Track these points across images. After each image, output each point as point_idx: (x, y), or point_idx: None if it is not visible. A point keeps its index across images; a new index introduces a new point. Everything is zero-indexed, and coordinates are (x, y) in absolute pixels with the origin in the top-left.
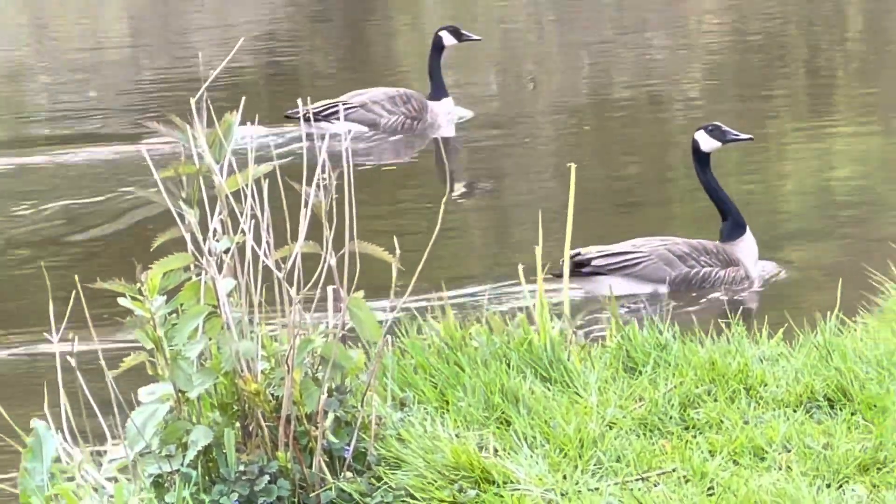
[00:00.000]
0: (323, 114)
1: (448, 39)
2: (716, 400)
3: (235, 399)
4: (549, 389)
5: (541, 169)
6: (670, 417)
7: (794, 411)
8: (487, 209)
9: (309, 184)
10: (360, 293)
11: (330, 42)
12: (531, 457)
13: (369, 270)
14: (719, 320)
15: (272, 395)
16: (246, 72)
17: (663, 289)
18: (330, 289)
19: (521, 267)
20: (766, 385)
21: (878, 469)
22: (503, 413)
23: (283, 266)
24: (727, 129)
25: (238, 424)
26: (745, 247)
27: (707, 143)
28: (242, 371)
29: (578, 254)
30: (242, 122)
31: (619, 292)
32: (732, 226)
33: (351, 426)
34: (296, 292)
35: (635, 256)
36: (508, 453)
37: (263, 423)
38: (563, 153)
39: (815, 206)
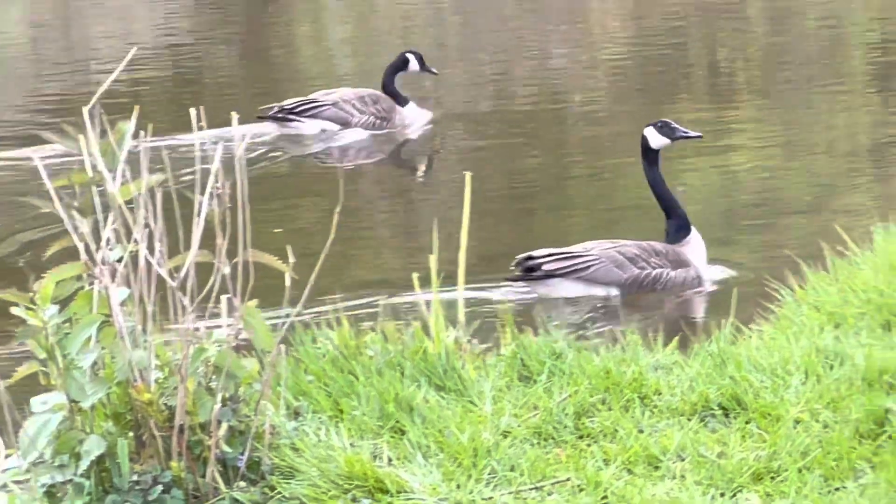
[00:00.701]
0: (295, 111)
1: (413, 65)
2: (610, 409)
3: (129, 409)
4: (443, 398)
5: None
6: (565, 426)
7: (689, 420)
8: (412, 213)
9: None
10: (254, 302)
11: (233, 47)
12: (425, 466)
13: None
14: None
15: (166, 404)
16: (146, 80)
17: (615, 291)
18: (224, 298)
19: (415, 276)
20: (660, 394)
21: (772, 478)
22: (397, 422)
23: (176, 275)
24: (676, 125)
25: (131, 434)
26: (694, 247)
27: (656, 139)
28: (136, 380)
29: (530, 257)
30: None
31: (570, 295)
32: (677, 226)
33: (245, 435)
34: (189, 302)
35: (586, 259)
36: (402, 462)
37: (157, 433)
38: (477, 158)
39: (715, 213)
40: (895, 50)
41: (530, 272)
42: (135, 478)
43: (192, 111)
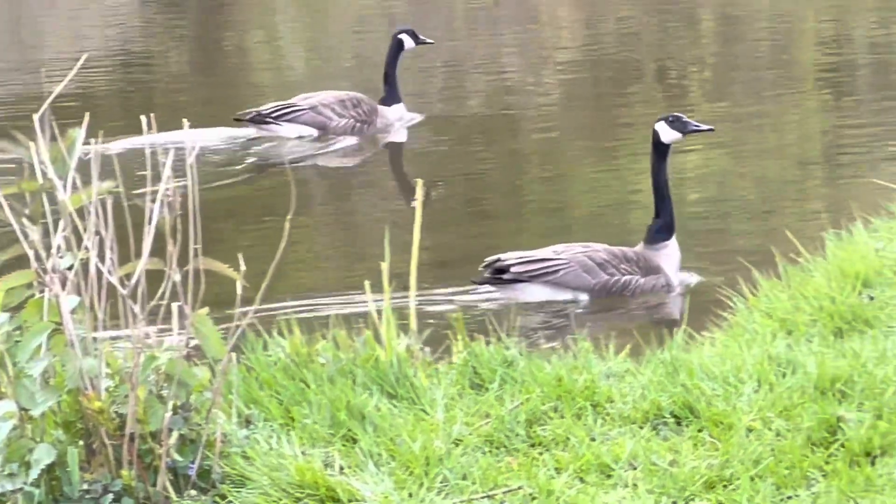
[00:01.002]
0: (273, 115)
1: (408, 43)
2: (562, 417)
3: (79, 417)
4: (395, 406)
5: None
6: (517, 434)
7: (641, 428)
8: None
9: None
10: (205, 310)
11: (183, 51)
12: (377, 474)
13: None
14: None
15: (116, 412)
16: (98, 86)
17: (583, 296)
18: (175, 305)
19: (367, 283)
20: (612, 401)
21: (724, 486)
22: (349, 430)
23: (127, 283)
24: (688, 119)
25: (82, 442)
26: (669, 253)
27: (667, 134)
28: (86, 389)
29: (498, 259)
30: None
31: (538, 299)
32: (660, 228)
33: (196, 444)
34: (140, 309)
35: (555, 263)
36: (354, 471)
37: (107, 441)
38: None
39: None
40: (847, 53)
41: (499, 274)
42: (85, 486)
43: (143, 118)
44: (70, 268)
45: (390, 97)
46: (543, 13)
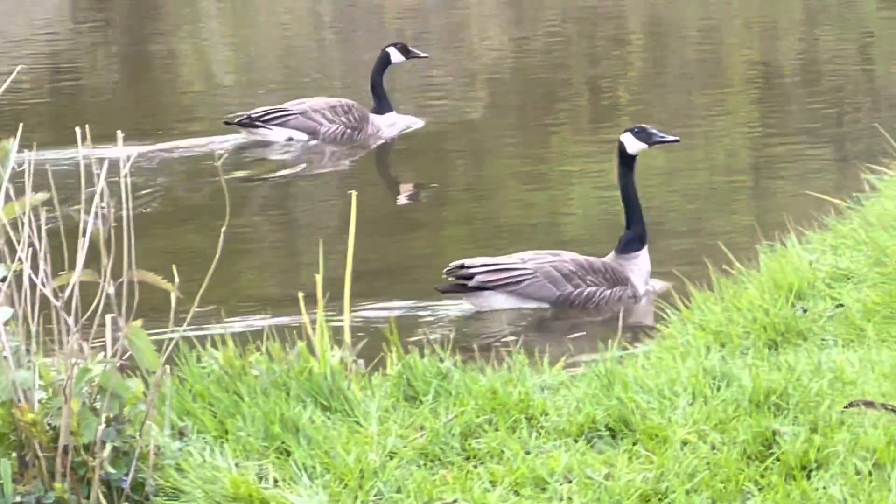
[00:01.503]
0: (263, 119)
1: (396, 56)
2: (497, 430)
3: (12, 429)
4: (329, 419)
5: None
6: (451, 447)
7: (576, 441)
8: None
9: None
10: (139, 322)
11: (112, 60)
12: (311, 487)
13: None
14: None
15: (50, 425)
16: (27, 98)
17: (546, 307)
18: (108, 317)
19: (301, 295)
20: (547, 414)
21: (660, 499)
22: (283, 443)
23: (61, 295)
24: (653, 130)
25: (15, 455)
26: (639, 264)
27: (633, 145)
28: (19, 401)
29: (463, 266)
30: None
31: (501, 308)
32: (631, 238)
33: (129, 456)
34: (73, 321)
35: (520, 273)
36: (288, 484)
37: (41, 454)
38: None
39: (599, 232)
40: (776, 65)
41: (463, 280)
42: (18, 499)
43: (77, 129)
44: (3, 279)
45: (381, 106)
46: (473, 24)
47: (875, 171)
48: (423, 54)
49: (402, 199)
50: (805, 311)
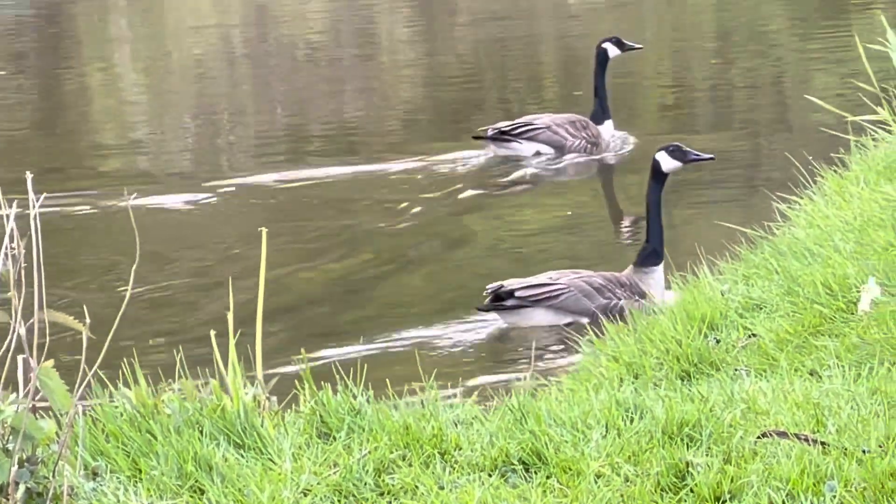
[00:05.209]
0: (514, 132)
1: (613, 51)
2: (410, 465)
3: None
4: (242, 456)
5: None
6: (365, 483)
7: (489, 476)
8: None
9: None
10: (50, 362)
11: (25, 92)
12: None
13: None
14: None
15: None
16: None
17: (584, 320)
18: (20, 358)
19: (212, 332)
20: (460, 449)
21: None
22: (197, 481)
23: None
24: (688, 149)
25: None
26: (656, 278)
27: (668, 163)
28: None
29: (501, 286)
30: None
31: (541, 324)
32: (651, 252)
33: (43, 497)
34: None
35: (557, 288)
36: None
37: None
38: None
39: (507, 262)
40: (686, 91)
41: (500, 301)
42: None
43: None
44: None
45: (600, 114)
46: (384, 57)
47: (786, 199)
48: (636, 45)
49: (314, 230)
50: (718, 341)
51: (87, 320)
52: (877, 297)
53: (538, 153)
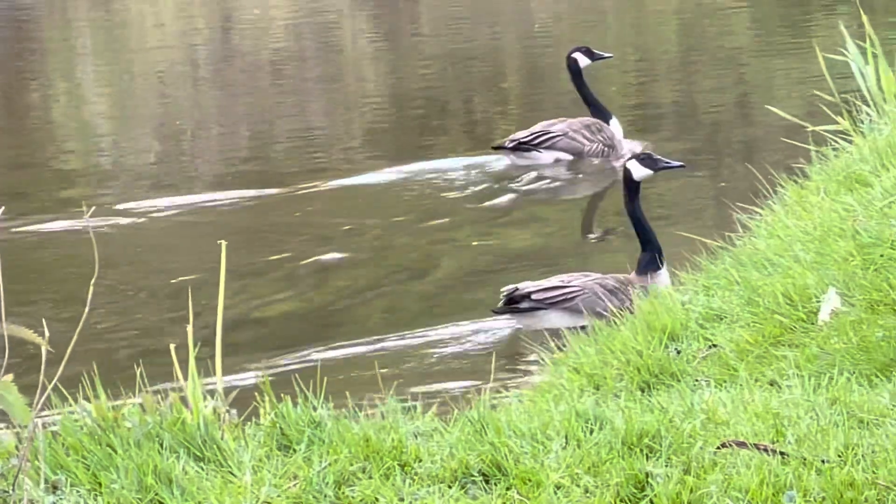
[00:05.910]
0: (533, 142)
1: (583, 61)
2: (371, 477)
3: None
4: (202, 469)
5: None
6: (325, 496)
7: (450, 487)
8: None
9: None
10: (10, 377)
11: None
12: None
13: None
14: None
15: None
16: None
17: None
18: None
19: (172, 346)
20: (421, 461)
21: None
22: (157, 495)
23: None
24: (658, 157)
25: None
26: (661, 282)
27: (639, 171)
28: None
29: (516, 289)
30: None
31: (556, 326)
32: (650, 259)
33: None
34: None
35: (571, 290)
36: None
37: None
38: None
39: (472, 272)
40: (649, 102)
41: (516, 303)
42: None
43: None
44: None
45: (601, 114)
46: (349, 69)
47: (747, 210)
48: (606, 55)
49: (280, 244)
50: (678, 352)
51: (47, 333)
52: (837, 307)
53: (557, 160)
